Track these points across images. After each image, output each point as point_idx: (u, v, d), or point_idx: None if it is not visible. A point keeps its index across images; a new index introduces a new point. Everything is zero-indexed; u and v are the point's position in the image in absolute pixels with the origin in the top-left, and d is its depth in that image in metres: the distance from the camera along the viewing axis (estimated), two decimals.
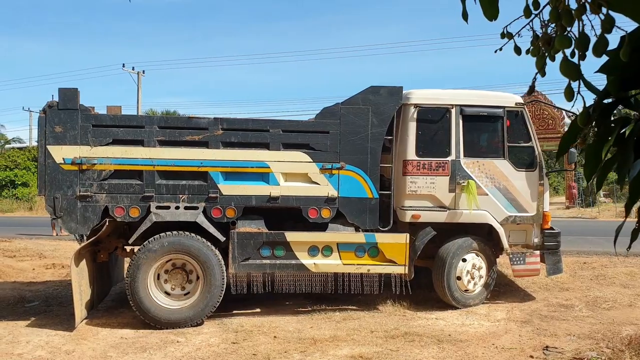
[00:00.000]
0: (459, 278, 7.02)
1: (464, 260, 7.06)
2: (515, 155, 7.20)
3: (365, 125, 6.68)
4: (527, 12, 1.62)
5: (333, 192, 6.66)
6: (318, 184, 6.66)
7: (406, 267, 6.83)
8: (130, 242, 6.75)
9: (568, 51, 1.48)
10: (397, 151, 7.02)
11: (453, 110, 7.05)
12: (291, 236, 6.64)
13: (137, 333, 6.20)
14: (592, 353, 5.27)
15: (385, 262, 6.80)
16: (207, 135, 6.51)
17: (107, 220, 6.40)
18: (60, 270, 10.09)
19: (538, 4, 1.61)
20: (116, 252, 7.19)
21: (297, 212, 6.70)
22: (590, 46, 1.44)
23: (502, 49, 1.83)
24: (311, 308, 7.12)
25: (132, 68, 33.29)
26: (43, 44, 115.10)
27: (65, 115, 6.32)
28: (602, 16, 1.39)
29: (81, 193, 6.33)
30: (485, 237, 7.24)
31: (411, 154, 6.95)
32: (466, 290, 7.10)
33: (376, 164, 6.73)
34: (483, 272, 7.16)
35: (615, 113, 1.50)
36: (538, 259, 7.24)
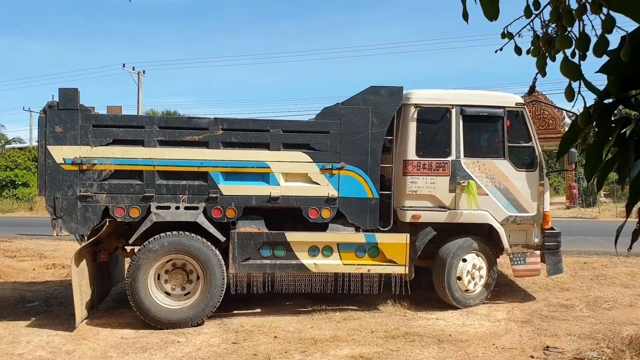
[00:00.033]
0: (460, 278, 7.02)
1: (465, 260, 7.06)
2: (515, 155, 7.20)
3: (365, 125, 6.68)
4: (528, 12, 1.62)
5: (333, 192, 6.65)
6: (318, 184, 6.66)
7: (406, 267, 6.83)
8: (130, 242, 6.75)
9: (568, 51, 1.48)
10: (398, 151, 7.01)
11: (453, 110, 7.05)
12: (291, 236, 6.64)
13: (138, 333, 6.20)
14: (593, 353, 5.27)
15: (385, 262, 6.80)
16: (208, 135, 6.51)
17: (108, 220, 6.39)
18: (60, 270, 10.09)
19: (539, 4, 1.61)
20: (116, 252, 7.19)
21: (298, 212, 6.70)
22: (590, 46, 1.44)
23: (503, 49, 1.83)
24: (311, 308, 7.11)
25: (133, 68, 33.36)
26: (43, 44, 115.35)
27: (65, 115, 6.32)
28: (603, 16, 1.39)
29: (81, 193, 6.33)
30: (485, 237, 7.24)
31: (411, 154, 6.95)
32: (466, 290, 7.10)
33: (376, 164, 6.73)
34: (483, 272, 7.15)
35: (615, 113, 1.50)
36: (538, 259, 7.23)
